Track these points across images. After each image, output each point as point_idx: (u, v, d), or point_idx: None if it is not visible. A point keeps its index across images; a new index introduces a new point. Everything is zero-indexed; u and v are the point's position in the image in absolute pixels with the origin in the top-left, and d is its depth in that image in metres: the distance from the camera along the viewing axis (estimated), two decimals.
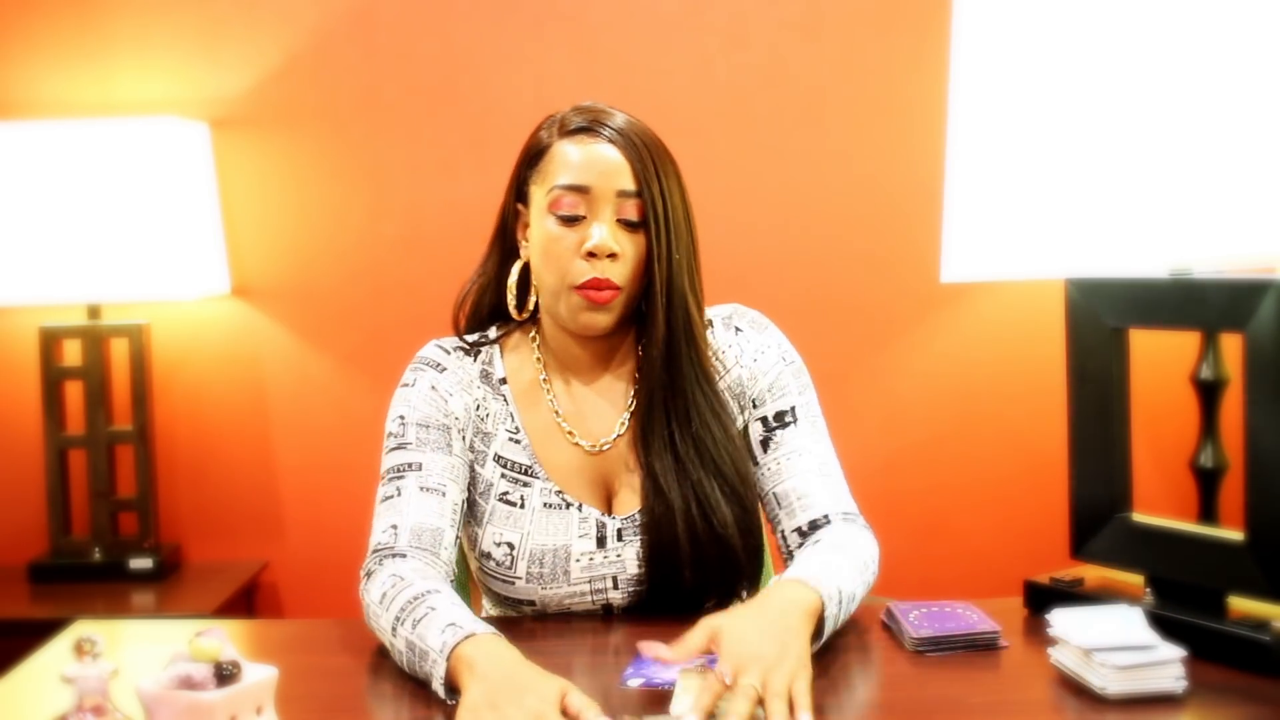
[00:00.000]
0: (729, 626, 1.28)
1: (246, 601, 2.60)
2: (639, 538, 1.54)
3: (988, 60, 2.07)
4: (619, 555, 1.55)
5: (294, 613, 2.70)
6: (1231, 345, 1.66)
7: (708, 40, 2.63)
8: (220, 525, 2.69)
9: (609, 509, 1.58)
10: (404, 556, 1.48)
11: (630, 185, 1.51)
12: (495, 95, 2.63)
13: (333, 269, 2.66)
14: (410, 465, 1.54)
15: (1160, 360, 2.20)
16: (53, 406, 2.54)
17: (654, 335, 1.53)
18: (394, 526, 1.50)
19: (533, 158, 1.57)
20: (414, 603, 1.38)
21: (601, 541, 1.55)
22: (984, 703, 1.27)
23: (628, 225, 1.52)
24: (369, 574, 1.49)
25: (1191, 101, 1.87)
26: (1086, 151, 1.95)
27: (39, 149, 2.42)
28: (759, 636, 1.27)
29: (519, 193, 1.60)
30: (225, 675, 1.07)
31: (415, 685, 1.36)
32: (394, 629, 1.38)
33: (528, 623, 1.56)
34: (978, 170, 2.08)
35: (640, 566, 1.54)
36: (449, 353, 1.61)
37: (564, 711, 1.20)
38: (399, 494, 1.52)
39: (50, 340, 2.54)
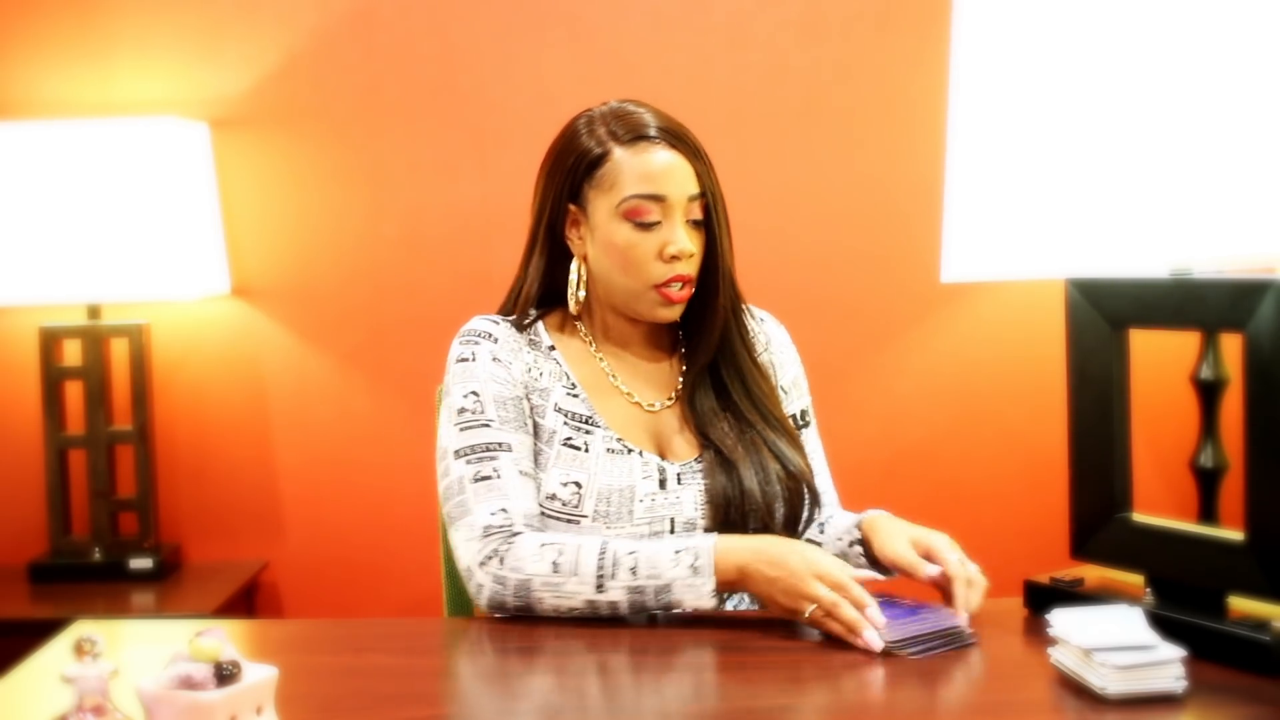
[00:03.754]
0: (928, 534, 1.59)
1: (246, 601, 2.60)
2: (697, 481, 1.63)
3: (988, 60, 2.07)
4: (678, 497, 1.62)
5: (294, 613, 2.70)
6: (1231, 345, 1.65)
7: (708, 40, 2.63)
8: (220, 525, 2.68)
9: (663, 458, 1.66)
10: (524, 535, 1.54)
11: (696, 188, 1.63)
12: (495, 95, 2.63)
13: (333, 269, 2.66)
14: (500, 445, 1.59)
15: (1160, 360, 2.20)
16: (53, 406, 2.54)
17: (712, 316, 1.66)
18: (504, 509, 1.55)
19: (589, 165, 1.64)
20: (605, 557, 1.49)
21: (663, 483, 1.62)
22: (984, 703, 1.27)
23: (695, 224, 1.64)
24: (499, 554, 1.52)
25: (1191, 102, 1.87)
26: (1087, 152, 1.95)
27: (39, 149, 2.42)
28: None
29: (573, 195, 1.65)
30: (225, 675, 1.07)
31: (415, 686, 1.36)
32: (600, 585, 1.48)
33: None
34: (978, 170, 2.08)
35: (696, 509, 1.62)
36: (497, 323, 1.69)
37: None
38: (498, 475, 1.57)
39: (50, 340, 2.54)
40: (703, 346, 1.67)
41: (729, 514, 1.61)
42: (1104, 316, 1.47)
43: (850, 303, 2.65)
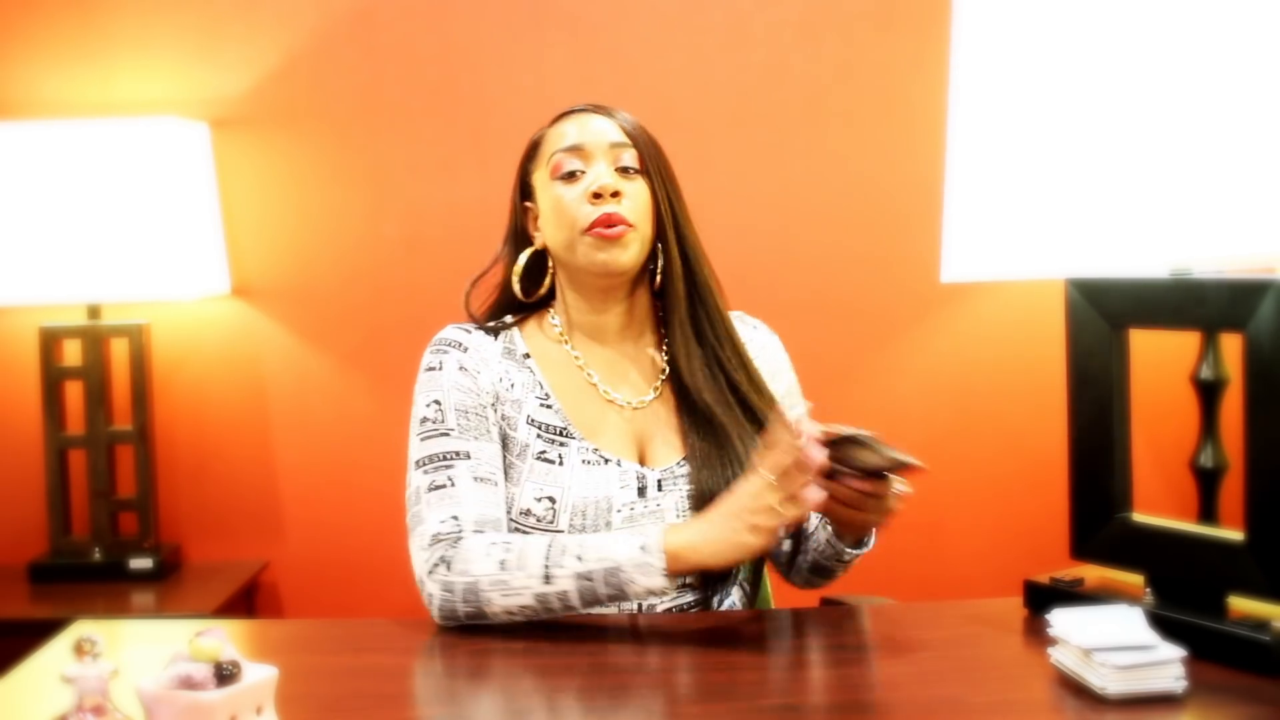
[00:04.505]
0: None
1: (246, 601, 2.60)
2: (679, 488, 1.59)
3: (988, 60, 2.07)
4: (658, 505, 1.58)
5: (294, 613, 2.70)
6: (1231, 345, 1.65)
7: (708, 40, 2.63)
8: (220, 525, 2.68)
9: (641, 462, 1.62)
10: (469, 538, 1.51)
11: (621, 137, 1.64)
12: (495, 95, 2.63)
13: (333, 269, 2.66)
14: (458, 453, 1.56)
15: (1160, 360, 2.20)
16: (53, 406, 2.54)
17: (674, 269, 1.63)
18: (454, 517, 1.52)
19: (530, 154, 1.70)
20: (552, 548, 1.45)
21: (642, 491, 1.59)
22: (984, 703, 1.27)
23: (626, 171, 1.63)
24: (446, 560, 1.49)
25: (1191, 101, 1.87)
26: (1087, 152, 1.95)
27: (39, 149, 2.42)
28: None
29: (524, 191, 1.69)
30: (225, 675, 1.07)
31: (415, 686, 1.36)
32: (548, 577, 1.44)
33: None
34: (978, 170, 2.08)
35: (679, 516, 1.58)
36: (470, 332, 1.67)
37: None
38: (452, 484, 1.55)
39: (50, 340, 2.54)
40: (671, 303, 1.64)
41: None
42: (1104, 316, 1.47)
43: (850, 303, 2.65)
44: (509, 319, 1.70)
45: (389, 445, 2.66)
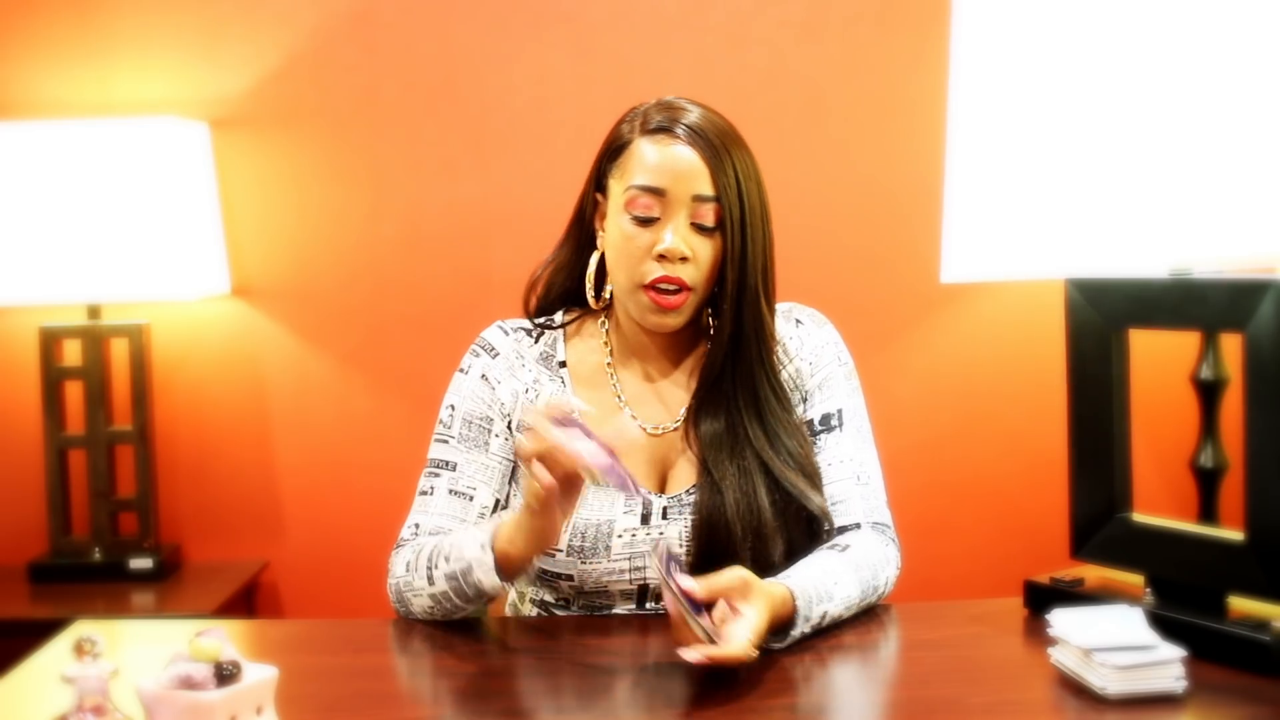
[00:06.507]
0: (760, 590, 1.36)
1: (246, 601, 2.60)
2: (684, 516, 1.56)
3: (988, 60, 2.07)
4: (661, 533, 1.56)
5: (294, 613, 2.70)
6: (1231, 345, 1.65)
7: (708, 40, 2.63)
8: (220, 525, 2.68)
9: (662, 489, 1.60)
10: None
11: (707, 190, 1.54)
12: (495, 95, 2.63)
13: (333, 269, 2.66)
14: (447, 463, 1.62)
15: (1160, 360, 2.20)
16: (53, 406, 2.54)
17: (723, 333, 1.57)
18: (418, 525, 1.60)
19: (614, 151, 1.60)
20: (437, 548, 1.50)
21: (646, 518, 1.56)
22: (984, 703, 1.27)
23: (702, 229, 1.54)
24: (390, 565, 1.59)
25: (1191, 101, 1.87)
26: (1086, 152, 1.95)
27: (39, 149, 2.42)
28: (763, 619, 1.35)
29: (599, 183, 1.62)
30: (225, 675, 1.07)
31: (415, 686, 1.36)
32: (430, 576, 1.50)
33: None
34: (978, 170, 2.08)
35: (681, 545, 1.55)
36: (508, 334, 1.66)
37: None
38: (431, 492, 1.61)
39: (50, 340, 2.54)
40: (712, 365, 1.58)
41: (713, 547, 1.52)
42: (1104, 316, 1.47)
43: (850, 303, 2.65)
44: (559, 318, 1.68)
45: (389, 445, 2.68)
